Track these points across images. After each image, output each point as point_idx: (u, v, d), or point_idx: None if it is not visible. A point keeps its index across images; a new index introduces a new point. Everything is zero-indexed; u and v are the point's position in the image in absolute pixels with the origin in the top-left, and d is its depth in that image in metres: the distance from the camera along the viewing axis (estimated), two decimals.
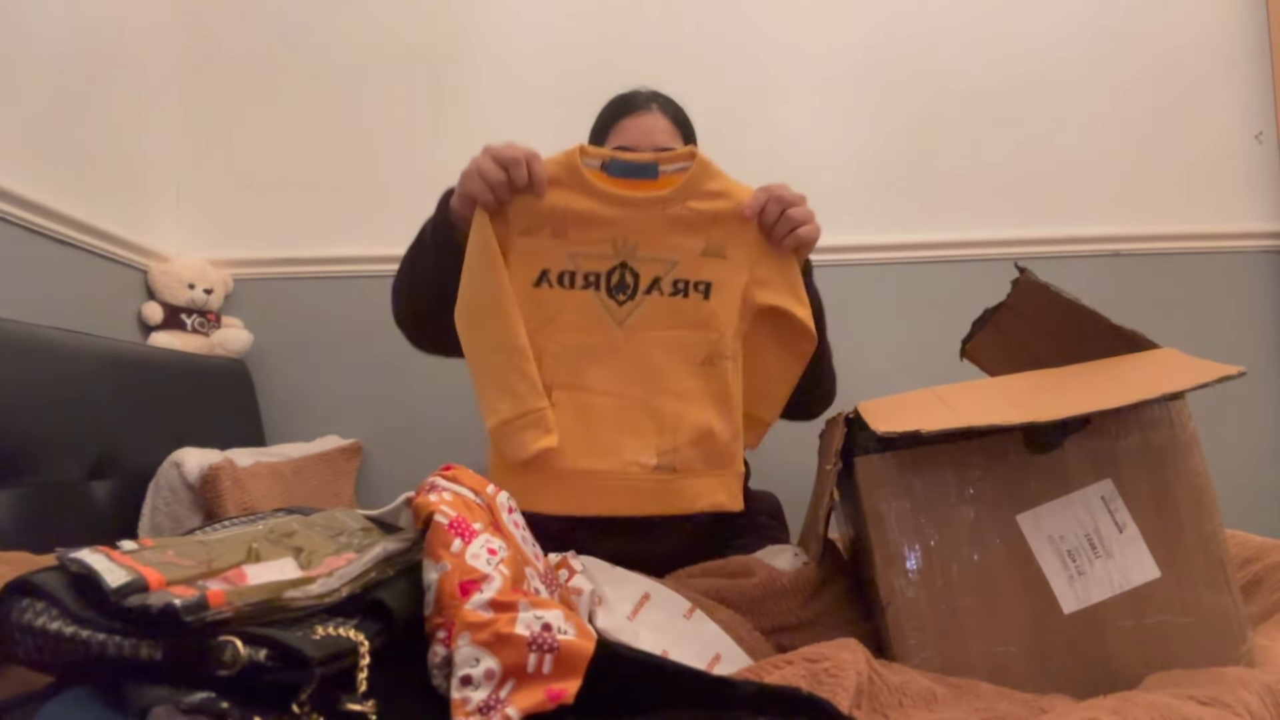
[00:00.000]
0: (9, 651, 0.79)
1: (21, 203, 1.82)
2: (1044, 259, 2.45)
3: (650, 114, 1.57)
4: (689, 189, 1.26)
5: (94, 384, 1.73)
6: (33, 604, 0.78)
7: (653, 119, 1.57)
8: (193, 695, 0.73)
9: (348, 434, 2.40)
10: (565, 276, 1.26)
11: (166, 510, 1.74)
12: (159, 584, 0.78)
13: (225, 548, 0.89)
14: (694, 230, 1.27)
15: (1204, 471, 1.05)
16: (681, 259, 1.26)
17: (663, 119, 1.58)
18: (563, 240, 1.25)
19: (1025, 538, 1.04)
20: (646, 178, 1.26)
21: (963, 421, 0.99)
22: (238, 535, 0.95)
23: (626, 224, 1.26)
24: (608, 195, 1.26)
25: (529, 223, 1.25)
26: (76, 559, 0.80)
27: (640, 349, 1.25)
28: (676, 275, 1.26)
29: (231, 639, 0.74)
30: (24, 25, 1.89)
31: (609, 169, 1.26)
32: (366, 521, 1.03)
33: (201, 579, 0.81)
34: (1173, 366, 1.03)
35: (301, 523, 1.02)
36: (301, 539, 0.95)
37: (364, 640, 0.80)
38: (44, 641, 0.76)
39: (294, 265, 2.50)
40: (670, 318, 1.26)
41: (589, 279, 1.25)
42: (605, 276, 1.25)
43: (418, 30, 2.56)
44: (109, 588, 0.76)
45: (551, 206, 1.25)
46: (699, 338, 1.25)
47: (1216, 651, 1.00)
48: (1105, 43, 2.58)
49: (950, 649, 1.04)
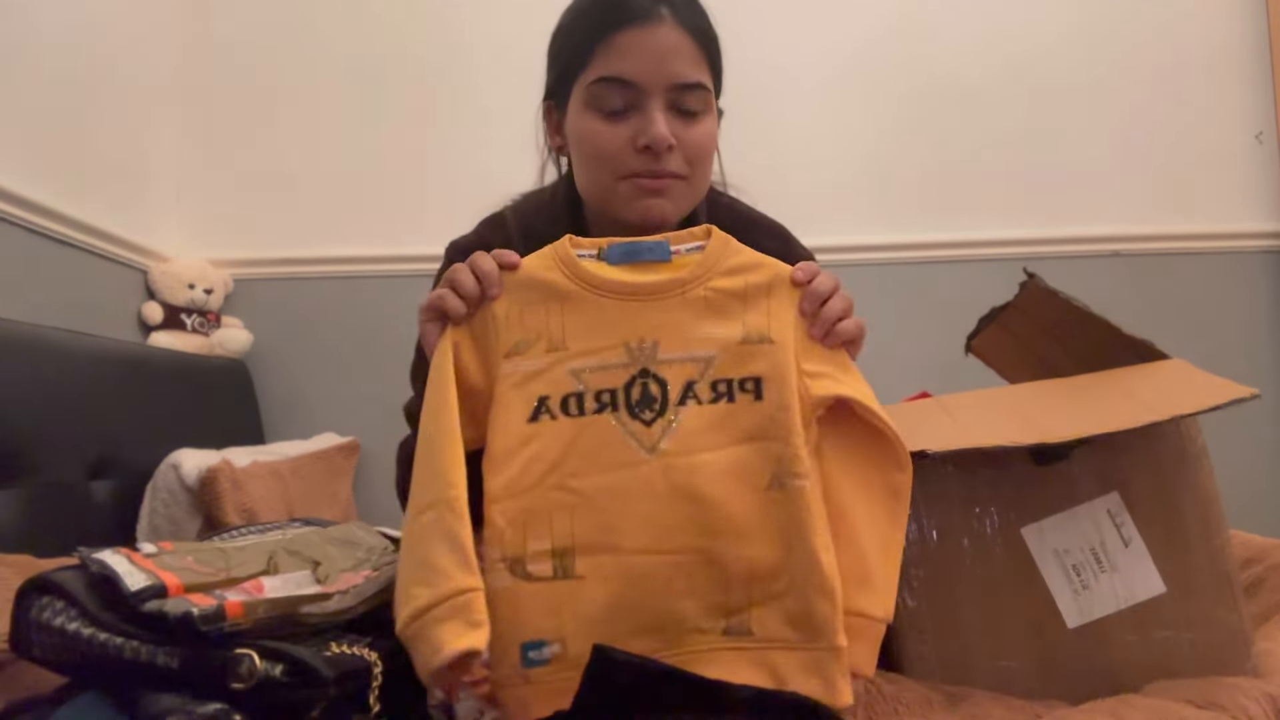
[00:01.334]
0: (24, 649, 0.79)
1: (22, 203, 1.81)
2: (1044, 259, 2.44)
3: (660, 26, 1.05)
4: (709, 266, 0.96)
5: (94, 384, 1.73)
6: (52, 602, 0.78)
7: (665, 34, 1.05)
8: (206, 706, 0.73)
9: (346, 432, 2.40)
10: (571, 401, 0.92)
11: (165, 513, 1.74)
12: (177, 590, 0.78)
13: (244, 557, 0.89)
14: (726, 314, 0.96)
15: (1212, 485, 1.04)
16: (719, 353, 0.94)
17: (678, 33, 1.06)
18: (562, 354, 0.94)
19: (1030, 551, 1.04)
20: (656, 259, 0.97)
21: (970, 442, 0.98)
22: (256, 545, 0.95)
23: (640, 320, 0.95)
24: (611, 286, 0.95)
25: (516, 339, 0.94)
26: (98, 559, 0.80)
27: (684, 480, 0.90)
28: (716, 375, 0.94)
29: (248, 652, 0.74)
30: (26, 26, 1.88)
31: (607, 256, 0.96)
32: (384, 540, 1.04)
33: (220, 588, 0.81)
34: (1184, 384, 1.02)
35: (320, 535, 1.02)
36: (319, 552, 0.95)
37: (377, 660, 0.80)
38: (60, 641, 0.77)
39: (294, 265, 2.50)
40: (717, 432, 0.92)
41: (602, 399, 0.93)
42: (623, 392, 0.93)
43: (418, 32, 2.55)
44: (127, 591, 0.76)
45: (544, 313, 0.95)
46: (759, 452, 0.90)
47: (1221, 666, 0.99)
48: (1106, 43, 2.57)
49: (953, 662, 1.04)
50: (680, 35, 1.05)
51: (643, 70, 1.04)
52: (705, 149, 1.09)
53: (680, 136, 1.05)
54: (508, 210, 1.25)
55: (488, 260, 0.93)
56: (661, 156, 1.05)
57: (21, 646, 0.79)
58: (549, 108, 1.17)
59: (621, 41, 1.04)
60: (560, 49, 1.13)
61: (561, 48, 1.13)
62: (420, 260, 2.47)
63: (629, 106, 1.05)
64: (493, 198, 2.48)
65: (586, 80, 1.06)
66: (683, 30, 1.06)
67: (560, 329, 0.95)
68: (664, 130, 1.03)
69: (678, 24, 1.05)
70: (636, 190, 1.07)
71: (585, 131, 1.07)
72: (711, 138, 1.10)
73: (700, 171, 1.10)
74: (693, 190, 1.11)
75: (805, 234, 1.22)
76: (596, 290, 0.95)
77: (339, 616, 0.84)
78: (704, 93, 1.07)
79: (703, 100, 1.08)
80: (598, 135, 1.06)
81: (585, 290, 0.95)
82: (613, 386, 0.93)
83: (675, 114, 1.06)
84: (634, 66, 1.04)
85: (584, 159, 1.10)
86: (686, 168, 1.07)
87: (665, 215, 1.09)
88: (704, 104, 1.08)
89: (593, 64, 1.06)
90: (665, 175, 1.06)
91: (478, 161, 2.51)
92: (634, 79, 1.04)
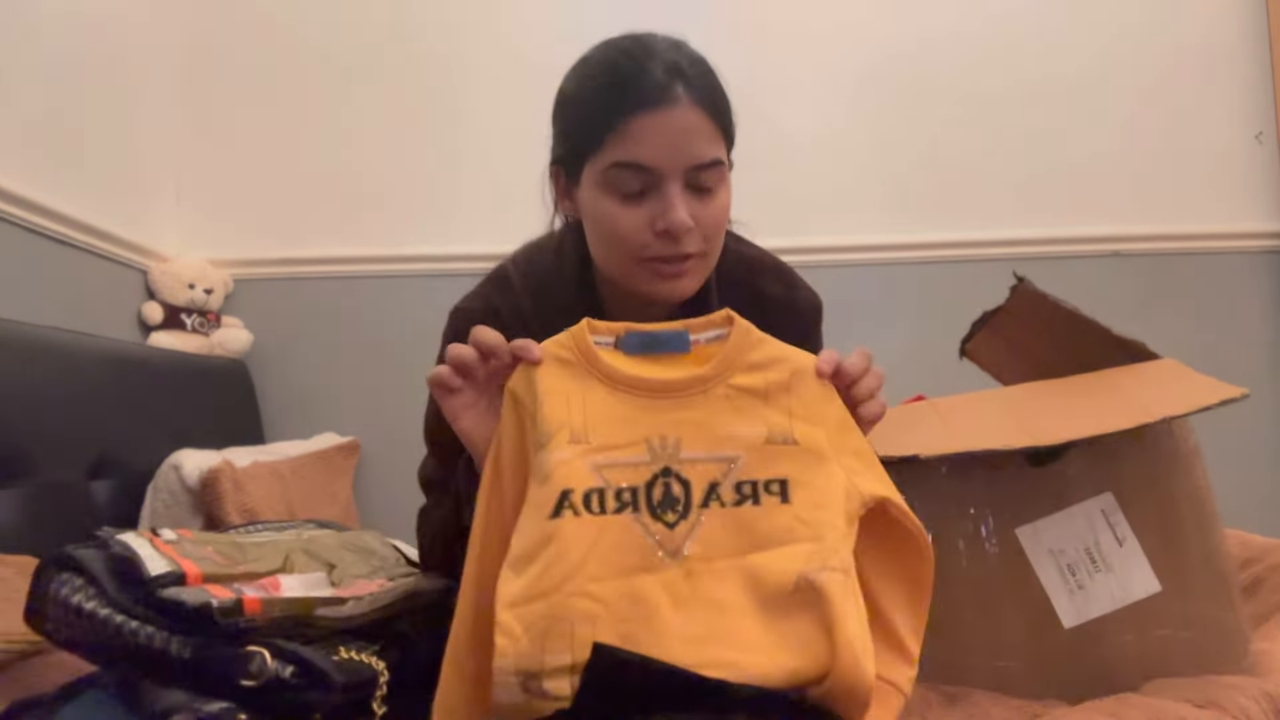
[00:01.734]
0: (38, 623, 0.79)
1: (22, 202, 1.81)
2: (1044, 259, 2.45)
3: (678, 108, 1.02)
4: (731, 361, 0.92)
5: (94, 384, 1.74)
6: (72, 579, 0.78)
7: (681, 116, 1.02)
8: (212, 704, 0.73)
9: (346, 432, 2.40)
10: (593, 497, 0.87)
11: (166, 513, 1.74)
12: (196, 578, 0.79)
13: (261, 553, 0.90)
14: (749, 413, 0.92)
15: (1206, 484, 1.05)
16: (744, 454, 0.90)
17: (695, 113, 1.03)
18: (584, 446, 0.89)
19: (1025, 551, 1.04)
20: (675, 351, 0.93)
21: (961, 445, 0.98)
22: (273, 543, 0.95)
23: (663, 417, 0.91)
24: (631, 380, 0.92)
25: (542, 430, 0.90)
26: (122, 540, 0.81)
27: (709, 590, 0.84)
28: (740, 476, 0.89)
29: (261, 650, 0.74)
30: (25, 26, 1.89)
31: (623, 345, 0.93)
32: (397, 553, 1.04)
33: (238, 581, 0.81)
34: (1176, 384, 1.02)
35: (336, 540, 1.03)
36: (335, 556, 0.96)
37: (384, 669, 0.81)
38: (76, 619, 0.77)
39: (294, 265, 2.50)
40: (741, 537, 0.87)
41: (623, 498, 0.88)
42: (645, 491, 0.88)
43: (419, 32, 2.55)
44: (148, 574, 0.76)
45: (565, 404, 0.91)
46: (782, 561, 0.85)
47: (1218, 665, 1.00)
48: (1106, 44, 2.57)
49: (950, 663, 1.04)
50: (697, 115, 1.03)
51: (660, 156, 1.02)
52: (721, 223, 1.08)
53: (698, 216, 1.04)
54: (511, 268, 1.21)
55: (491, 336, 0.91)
56: (680, 240, 1.03)
57: (36, 621, 0.79)
58: (557, 173, 1.14)
59: (637, 126, 1.01)
60: (570, 124, 1.09)
61: (572, 123, 1.09)
62: (420, 260, 2.48)
63: (646, 189, 1.03)
64: (493, 197, 2.50)
65: (601, 163, 1.04)
66: (699, 109, 1.03)
67: (582, 421, 0.90)
68: (684, 216, 1.02)
69: (693, 103, 1.02)
70: (656, 274, 1.06)
71: (602, 214, 1.06)
72: (726, 209, 1.09)
73: (716, 244, 1.09)
74: (708, 263, 1.10)
75: (805, 234, 1.23)
76: (616, 384, 0.92)
77: (350, 622, 0.84)
78: (720, 168, 1.06)
79: (718, 175, 1.06)
80: (615, 218, 1.04)
81: (604, 384, 0.91)
82: (634, 484, 0.88)
83: (692, 192, 1.04)
84: (651, 153, 1.01)
85: (601, 239, 1.09)
86: (704, 245, 1.06)
87: (684, 293, 1.09)
88: (720, 178, 1.06)
89: (607, 147, 1.03)
90: (684, 258, 1.05)
91: (478, 162, 2.52)
92: (651, 165, 1.02)
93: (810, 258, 2.10)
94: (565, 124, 1.10)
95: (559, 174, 1.14)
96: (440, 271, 2.46)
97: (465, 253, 2.44)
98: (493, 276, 1.21)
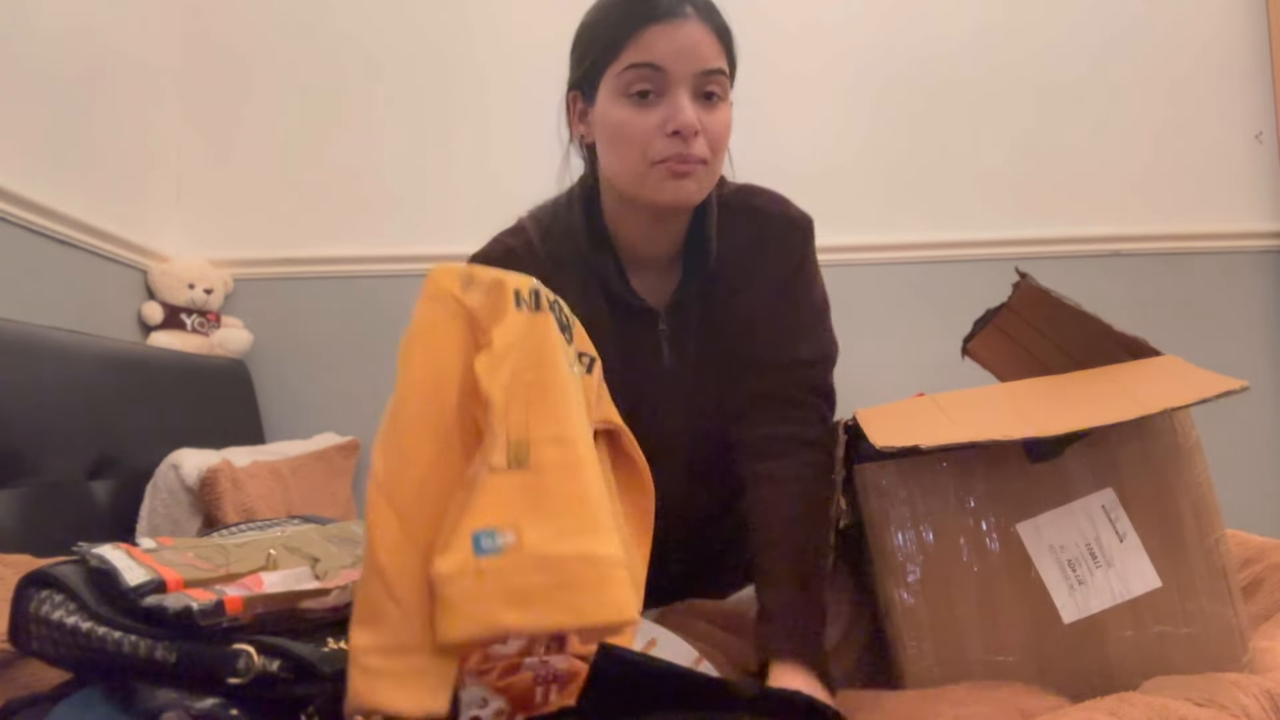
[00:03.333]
0: (23, 642, 0.79)
1: (22, 203, 1.82)
2: (1045, 259, 2.45)
3: (686, 22, 1.12)
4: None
5: (94, 384, 1.73)
6: (51, 596, 0.78)
7: (691, 28, 1.12)
8: (203, 701, 0.73)
9: (345, 432, 2.40)
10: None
11: (165, 512, 1.74)
12: (177, 585, 0.79)
13: (243, 553, 0.90)
14: None
15: (1206, 480, 1.04)
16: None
17: (703, 28, 1.14)
18: None
19: (1025, 547, 1.04)
20: None
21: (962, 436, 0.98)
22: (255, 541, 0.95)
23: None
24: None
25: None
26: (98, 554, 0.81)
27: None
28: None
29: (246, 648, 0.74)
30: (26, 26, 1.89)
31: None
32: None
33: (219, 583, 0.82)
34: (1176, 378, 1.02)
35: (318, 533, 1.03)
36: (318, 549, 0.96)
37: None
38: (59, 635, 0.77)
39: (294, 265, 2.51)
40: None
41: None
42: None
43: (420, 33, 2.55)
44: (126, 585, 0.76)
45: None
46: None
47: (1217, 662, 1.00)
48: (1107, 44, 2.58)
49: (949, 658, 1.04)
50: (704, 30, 1.14)
51: (671, 58, 1.12)
52: (724, 135, 1.17)
53: (704, 123, 1.13)
54: (525, 218, 1.30)
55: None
56: (689, 141, 1.12)
57: (20, 640, 0.79)
58: (574, 98, 1.23)
59: (651, 34, 1.12)
60: (589, 42, 1.19)
61: (590, 40, 1.19)
62: (420, 260, 2.48)
63: (657, 92, 1.12)
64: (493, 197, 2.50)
65: (617, 69, 1.13)
66: (706, 26, 1.14)
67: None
68: (692, 116, 1.11)
69: (701, 20, 1.14)
70: (666, 173, 1.13)
71: (617, 118, 1.14)
72: (729, 125, 1.17)
73: (719, 157, 1.18)
74: (712, 174, 1.18)
75: None
76: None
77: (337, 613, 0.84)
78: (724, 78, 1.15)
79: (723, 86, 1.15)
80: (629, 121, 1.13)
81: None
82: None
83: (699, 100, 1.13)
84: (663, 55, 1.12)
85: (614, 144, 1.17)
86: (709, 153, 1.14)
87: (691, 196, 1.16)
88: (724, 89, 1.16)
89: (623, 54, 1.13)
90: (692, 160, 1.13)
91: (478, 162, 2.53)
92: (663, 65, 1.11)
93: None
94: (584, 47, 1.21)
95: (576, 98, 1.23)
96: None
97: (464, 253, 2.43)
98: (508, 228, 1.30)
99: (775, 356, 1.25)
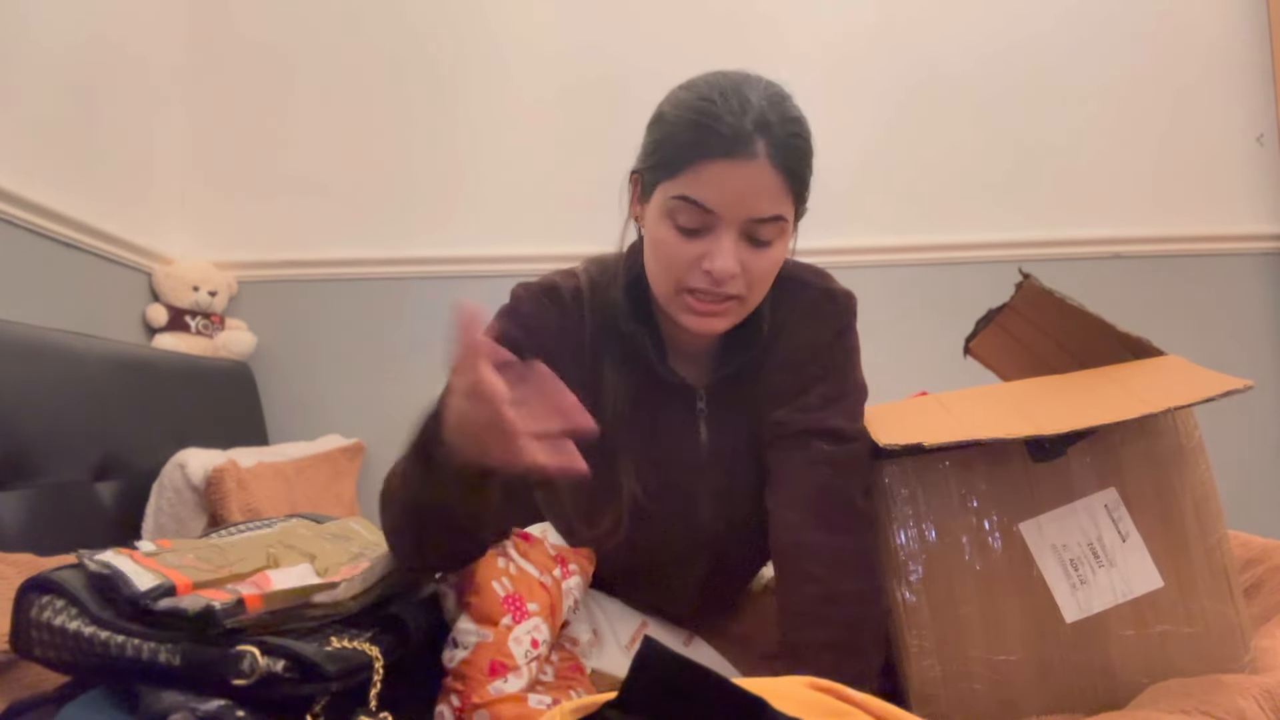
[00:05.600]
0: (25, 648, 0.79)
1: (27, 205, 1.82)
2: (1045, 261, 2.45)
3: (753, 164, 1.02)
4: None
5: (99, 386, 1.74)
6: (52, 601, 0.78)
7: (755, 172, 1.02)
8: (209, 702, 0.73)
9: (350, 434, 2.41)
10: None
11: (170, 511, 1.74)
12: (186, 587, 0.79)
13: (242, 552, 0.90)
14: None
15: (1209, 480, 1.05)
16: None
17: (769, 173, 1.03)
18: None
19: (1028, 545, 1.04)
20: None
21: (965, 434, 0.99)
22: (250, 540, 0.96)
23: None
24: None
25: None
26: (102, 560, 0.81)
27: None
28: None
29: (250, 649, 0.74)
30: (30, 28, 1.89)
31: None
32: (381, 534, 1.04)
33: (228, 583, 0.82)
34: (1179, 377, 1.02)
35: (312, 529, 1.03)
36: (314, 546, 0.96)
37: (378, 655, 0.81)
38: (62, 640, 0.77)
39: (298, 268, 2.51)
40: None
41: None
42: None
43: (424, 35, 2.56)
44: (138, 591, 0.76)
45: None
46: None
47: (1219, 661, 1.00)
48: (1108, 46, 2.58)
49: (951, 656, 1.04)
50: (771, 174, 1.03)
51: (722, 202, 1.03)
52: (769, 274, 1.10)
53: (747, 264, 1.05)
54: (584, 264, 1.24)
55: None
56: (723, 284, 1.05)
57: (22, 646, 0.79)
58: (635, 180, 1.16)
59: (711, 170, 1.02)
60: (656, 142, 1.09)
61: (658, 142, 1.09)
62: (425, 263, 2.49)
63: (704, 228, 1.05)
64: (498, 201, 2.50)
65: (670, 191, 1.05)
66: (774, 169, 1.03)
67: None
68: (730, 264, 1.03)
69: (769, 161, 1.03)
70: (689, 307, 1.08)
71: (658, 239, 1.08)
72: (777, 263, 1.10)
73: (759, 291, 1.10)
74: (747, 307, 1.11)
75: (807, 236, 1.22)
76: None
77: (342, 606, 0.85)
78: (780, 224, 1.07)
79: (777, 230, 1.07)
80: (668, 246, 1.06)
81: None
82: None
83: (747, 241, 1.05)
84: (715, 197, 1.03)
85: (653, 258, 1.11)
86: (746, 290, 1.08)
87: (716, 330, 1.11)
88: (777, 233, 1.07)
89: (679, 178, 1.04)
90: (722, 298, 1.07)
91: (483, 165, 2.53)
92: (714, 208, 1.03)
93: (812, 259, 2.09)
94: (651, 143, 1.11)
95: (637, 181, 1.15)
96: (445, 274, 2.47)
97: (470, 255, 2.45)
98: (567, 268, 1.23)
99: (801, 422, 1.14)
